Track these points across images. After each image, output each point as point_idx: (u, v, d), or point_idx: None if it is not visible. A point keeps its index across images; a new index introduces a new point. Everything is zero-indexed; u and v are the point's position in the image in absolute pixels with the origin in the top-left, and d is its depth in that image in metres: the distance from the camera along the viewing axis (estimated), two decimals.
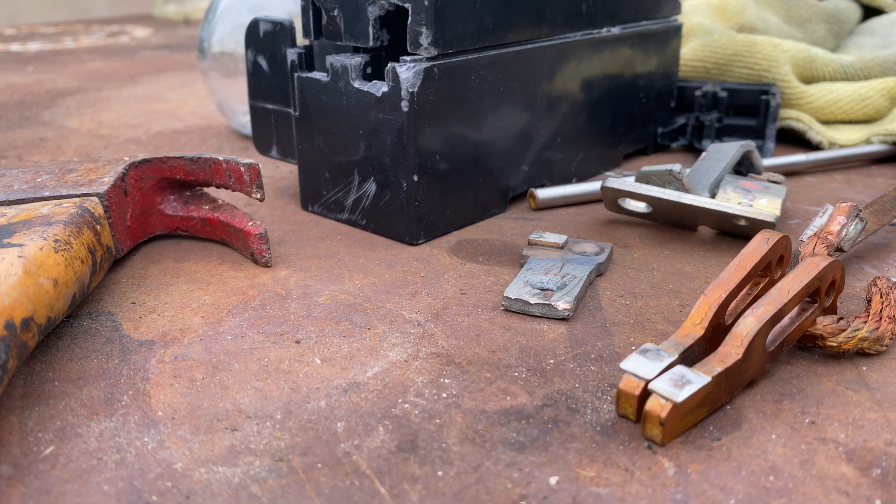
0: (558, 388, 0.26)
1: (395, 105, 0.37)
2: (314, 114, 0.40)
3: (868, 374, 0.27)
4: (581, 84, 0.46)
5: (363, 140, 0.38)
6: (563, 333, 0.30)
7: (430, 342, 0.29)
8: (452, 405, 0.25)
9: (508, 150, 0.42)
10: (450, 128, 0.38)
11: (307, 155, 0.42)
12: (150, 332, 0.30)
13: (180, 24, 1.47)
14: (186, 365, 0.28)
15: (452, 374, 0.27)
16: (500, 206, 0.43)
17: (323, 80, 0.39)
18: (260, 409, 0.25)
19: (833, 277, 0.28)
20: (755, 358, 0.25)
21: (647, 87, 0.51)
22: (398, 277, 0.35)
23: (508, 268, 0.36)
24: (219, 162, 0.37)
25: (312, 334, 0.30)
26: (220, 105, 0.60)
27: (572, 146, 0.46)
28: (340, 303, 0.32)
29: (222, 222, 0.38)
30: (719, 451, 0.23)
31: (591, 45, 0.45)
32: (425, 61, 0.37)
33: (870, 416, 0.25)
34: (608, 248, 0.36)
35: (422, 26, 0.36)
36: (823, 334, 0.27)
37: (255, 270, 0.36)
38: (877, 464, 0.22)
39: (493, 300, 0.33)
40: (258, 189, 0.36)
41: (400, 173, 0.38)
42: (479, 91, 0.39)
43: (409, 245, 0.38)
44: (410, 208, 0.38)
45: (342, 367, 0.28)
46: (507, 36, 0.40)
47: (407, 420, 0.25)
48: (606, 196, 0.40)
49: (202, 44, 0.59)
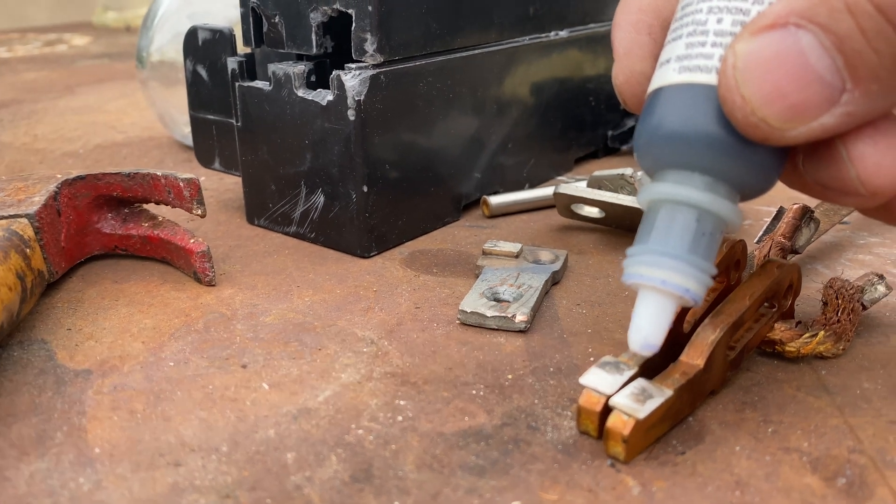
0: (517, 404, 0.25)
1: (341, 114, 0.35)
2: (257, 124, 0.39)
3: (827, 379, 0.27)
4: (531, 88, 0.45)
5: (309, 150, 0.37)
6: (520, 346, 0.29)
7: (385, 361, 0.28)
8: (409, 428, 0.24)
9: (460, 156, 0.41)
10: (399, 136, 0.37)
11: (251, 167, 0.40)
12: (88, 360, 0.29)
13: (121, 32, 1.44)
14: (126, 395, 0.26)
15: (408, 394, 0.26)
16: (453, 215, 0.42)
17: (265, 89, 0.38)
18: (205, 441, 0.24)
19: (790, 281, 0.28)
20: (716, 367, 0.25)
21: (597, 90, 0.51)
22: (350, 292, 0.34)
23: (463, 279, 0.35)
24: (157, 178, 0.35)
25: (259, 357, 0.29)
26: (162, 116, 0.58)
27: (524, 151, 0.46)
28: (289, 322, 0.31)
29: (163, 240, 0.36)
30: (684, 466, 0.22)
31: (539, 49, 0.45)
32: (371, 68, 0.35)
33: (831, 422, 0.24)
34: (563, 256, 0.35)
35: (366, 32, 0.35)
36: (782, 339, 0.27)
37: (199, 290, 0.34)
38: (841, 473, 0.22)
39: (449, 314, 0.32)
40: (199, 205, 0.34)
41: (349, 184, 0.36)
42: (428, 98, 0.38)
43: (361, 258, 0.37)
44: (361, 220, 0.37)
45: (291, 392, 0.26)
46: (454, 41, 0.39)
47: (361, 447, 0.23)
48: (559, 202, 0.40)
49: (140, 53, 0.57)
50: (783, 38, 0.19)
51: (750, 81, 0.19)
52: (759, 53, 0.19)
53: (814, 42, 0.18)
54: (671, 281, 0.21)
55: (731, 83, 0.19)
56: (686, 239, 0.21)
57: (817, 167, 0.21)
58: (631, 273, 0.22)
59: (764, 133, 0.19)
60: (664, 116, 0.21)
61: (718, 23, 0.21)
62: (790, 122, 0.19)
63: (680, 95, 0.21)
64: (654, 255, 0.21)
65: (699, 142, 0.21)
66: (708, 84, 0.21)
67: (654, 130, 0.21)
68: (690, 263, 0.21)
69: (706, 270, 0.22)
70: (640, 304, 0.22)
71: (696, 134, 0.21)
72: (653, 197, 0.22)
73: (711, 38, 0.21)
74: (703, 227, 0.21)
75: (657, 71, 0.22)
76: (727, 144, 0.20)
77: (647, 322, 0.22)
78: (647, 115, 0.22)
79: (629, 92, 0.24)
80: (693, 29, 0.21)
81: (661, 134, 0.21)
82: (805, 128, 0.19)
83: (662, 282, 0.21)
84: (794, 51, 0.19)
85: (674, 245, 0.21)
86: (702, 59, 0.21)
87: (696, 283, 0.21)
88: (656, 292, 0.22)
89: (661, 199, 0.22)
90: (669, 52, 0.22)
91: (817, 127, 0.19)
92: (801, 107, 0.19)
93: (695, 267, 0.21)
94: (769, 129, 0.19)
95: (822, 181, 0.21)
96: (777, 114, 0.19)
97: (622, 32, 0.25)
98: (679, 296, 0.22)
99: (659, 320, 0.22)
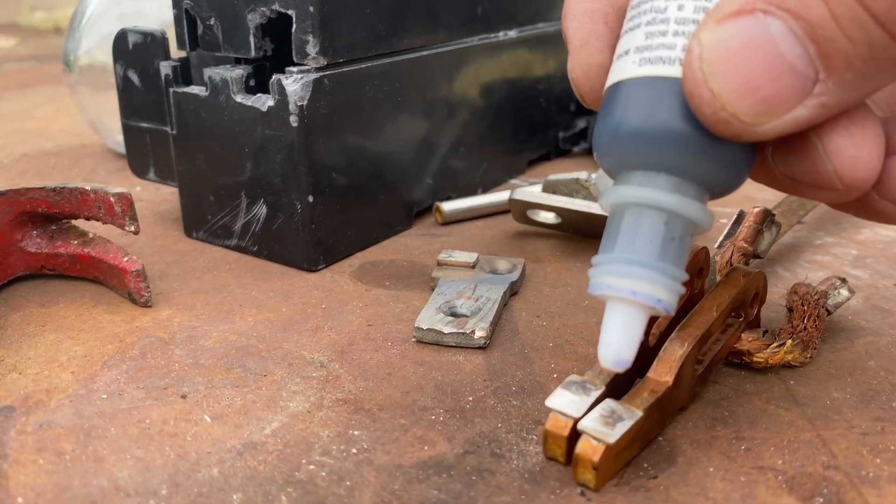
0: (480, 430, 0.24)
1: (282, 120, 0.33)
2: (194, 132, 0.37)
3: (796, 389, 0.26)
4: (481, 90, 0.44)
5: (250, 159, 0.35)
6: (480, 364, 0.28)
7: (336, 386, 0.26)
8: (364, 461, 0.23)
9: (410, 162, 0.40)
10: (346, 142, 0.36)
11: (188, 177, 0.38)
12: (10, 395, 0.26)
13: (50, 33, 1.38)
14: (53, 434, 0.24)
15: (362, 423, 0.24)
16: (405, 223, 0.40)
17: (202, 94, 0.36)
18: (142, 483, 0.22)
19: (756, 290, 0.27)
20: (685, 383, 0.24)
21: (547, 91, 0.50)
22: (296, 311, 0.32)
23: (418, 292, 0.33)
24: (86, 192, 0.33)
25: (200, 386, 0.27)
26: (93, 122, 0.55)
27: (476, 155, 0.44)
28: (231, 345, 0.29)
29: (94, 258, 0.34)
30: (657, 491, 0.21)
31: (488, 49, 0.43)
32: (314, 72, 0.34)
33: (804, 436, 0.23)
34: (521, 265, 0.34)
35: (308, 34, 0.33)
36: (750, 350, 0.26)
37: (134, 312, 0.32)
38: (818, 492, 0.21)
39: (404, 331, 0.30)
40: (132, 221, 0.32)
41: (293, 193, 0.35)
42: (375, 101, 0.37)
43: (308, 272, 0.35)
44: (307, 231, 0.35)
45: (236, 425, 0.24)
46: (401, 42, 0.38)
47: (313, 485, 0.22)
48: (514, 208, 0.38)
49: (68, 56, 0.54)
50: (752, 26, 0.18)
51: (718, 74, 0.18)
52: (727, 43, 0.18)
53: (784, 29, 0.17)
54: (642, 291, 0.20)
55: (698, 76, 0.18)
56: (655, 245, 0.20)
57: (788, 161, 0.20)
58: (598, 283, 0.21)
59: (735, 129, 0.18)
60: (626, 114, 0.20)
61: (679, 10, 0.19)
62: (762, 116, 0.18)
63: (642, 90, 0.20)
64: (621, 263, 0.20)
65: (664, 141, 0.19)
66: (671, 77, 0.19)
67: (616, 129, 0.20)
68: (660, 271, 0.20)
69: (677, 277, 0.20)
70: (609, 316, 0.21)
71: (660, 132, 0.19)
72: (617, 200, 0.20)
73: (673, 26, 0.19)
74: (672, 232, 0.20)
75: (615, 63, 0.21)
76: (694, 142, 0.19)
77: (617, 336, 0.20)
78: (607, 112, 0.20)
79: (587, 87, 0.23)
80: (652, 17, 0.20)
81: (623, 133, 0.20)
82: (778, 121, 0.18)
83: (632, 292, 0.20)
84: (765, 39, 0.17)
85: (642, 252, 0.20)
86: (664, 50, 0.19)
87: (667, 292, 0.20)
88: (626, 304, 0.20)
89: (625, 202, 0.20)
90: (627, 42, 0.20)
91: (790, 120, 0.18)
92: (773, 100, 0.18)
93: (665, 275, 0.20)
94: (740, 124, 0.18)
95: (794, 175, 0.20)
96: (749, 108, 0.18)
97: (576, 22, 0.23)
98: (651, 306, 0.20)
99: (630, 333, 0.20)
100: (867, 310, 0.31)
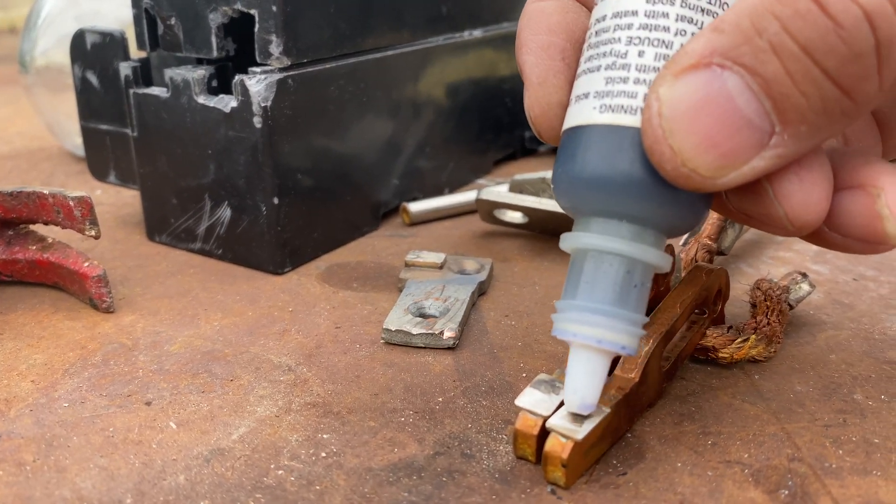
0: (450, 430, 0.24)
1: (246, 121, 0.33)
2: (155, 134, 0.36)
3: (761, 384, 0.26)
4: (446, 90, 0.44)
5: (213, 161, 0.35)
6: (449, 365, 0.28)
7: (304, 390, 0.26)
8: (334, 465, 0.22)
9: (376, 162, 0.40)
10: (311, 143, 0.35)
11: (150, 179, 0.37)
12: None
13: (5, 33, 1.35)
14: (13, 445, 0.24)
15: (331, 426, 0.24)
16: (371, 224, 0.40)
17: (163, 95, 0.35)
18: (106, 493, 0.21)
19: (719, 286, 0.27)
20: (652, 379, 0.24)
21: (513, 91, 0.50)
22: (263, 314, 0.31)
23: (386, 293, 0.33)
24: (44, 196, 0.32)
25: (165, 392, 0.26)
26: (50, 125, 0.54)
27: (442, 155, 0.44)
28: (196, 350, 0.29)
29: (53, 264, 0.33)
30: (626, 488, 0.21)
31: (453, 49, 0.43)
32: (277, 72, 0.33)
33: (769, 429, 0.24)
34: (488, 265, 0.34)
35: (271, 34, 0.33)
36: (715, 346, 0.27)
37: (96, 318, 0.31)
38: (783, 484, 0.21)
39: (372, 332, 0.30)
40: (92, 226, 0.32)
41: (257, 196, 0.34)
42: (340, 102, 0.36)
43: (274, 275, 0.35)
44: (272, 233, 0.35)
45: (202, 431, 0.24)
46: (365, 42, 0.38)
47: (282, 490, 0.21)
48: (481, 208, 0.38)
49: (24, 57, 0.52)
50: (709, 81, 0.18)
51: (678, 131, 0.18)
52: (686, 99, 0.18)
53: (740, 84, 0.18)
54: (607, 339, 0.20)
55: (658, 133, 0.18)
56: (616, 292, 0.20)
57: (742, 202, 0.20)
58: (562, 329, 0.21)
59: (695, 183, 0.19)
60: (587, 162, 0.20)
61: (640, 56, 0.19)
62: (722, 169, 0.18)
63: (603, 139, 0.20)
64: (585, 312, 0.20)
65: (626, 191, 0.19)
66: (633, 127, 0.19)
67: (577, 176, 0.20)
68: (624, 319, 0.20)
69: (639, 322, 0.21)
70: (574, 363, 0.21)
71: (622, 183, 0.19)
72: (579, 246, 0.21)
73: (634, 73, 0.19)
74: (633, 279, 0.20)
75: (574, 105, 0.21)
76: (655, 192, 0.19)
77: (581, 384, 0.21)
78: (568, 156, 0.20)
79: (546, 125, 0.22)
80: (612, 61, 0.20)
81: (584, 180, 0.20)
82: (736, 173, 0.18)
83: (598, 341, 0.20)
84: (722, 95, 0.18)
85: (605, 300, 0.20)
86: (625, 98, 0.19)
87: (630, 338, 0.21)
88: (590, 350, 0.21)
89: (587, 248, 0.21)
90: (587, 85, 0.20)
91: (748, 171, 0.18)
92: (732, 154, 0.18)
93: (628, 322, 0.20)
94: (700, 178, 0.18)
95: (747, 213, 0.20)
96: (709, 163, 0.18)
97: (533, 57, 0.22)
98: (614, 353, 0.21)
99: (594, 381, 0.21)
100: (828, 304, 0.32)
